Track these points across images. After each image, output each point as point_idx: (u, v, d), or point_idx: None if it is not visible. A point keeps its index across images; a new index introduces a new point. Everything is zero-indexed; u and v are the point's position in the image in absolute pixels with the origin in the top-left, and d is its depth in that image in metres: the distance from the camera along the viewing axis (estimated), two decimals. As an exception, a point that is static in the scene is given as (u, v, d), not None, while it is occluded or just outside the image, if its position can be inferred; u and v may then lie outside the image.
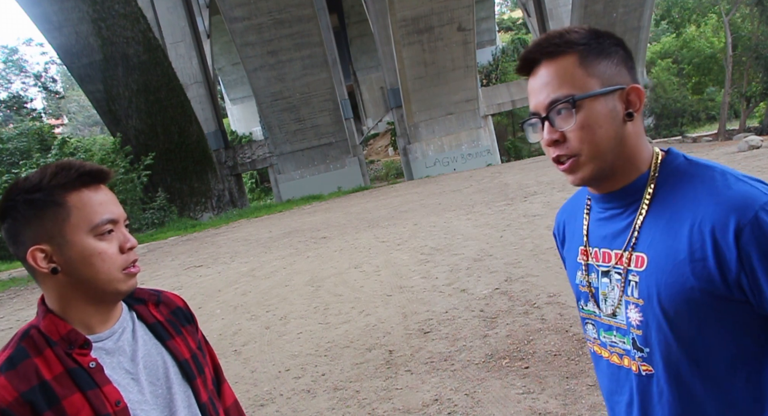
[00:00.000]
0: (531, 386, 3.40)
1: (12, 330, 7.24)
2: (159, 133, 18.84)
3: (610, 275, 1.03)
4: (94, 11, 17.97)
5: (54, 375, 1.00)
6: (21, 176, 1.07)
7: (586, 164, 0.97)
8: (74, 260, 1.02)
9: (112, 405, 1.02)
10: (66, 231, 1.02)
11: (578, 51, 0.96)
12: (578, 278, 1.11)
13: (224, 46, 33.22)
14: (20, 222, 1.03)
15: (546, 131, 0.98)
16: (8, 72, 36.52)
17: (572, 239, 1.16)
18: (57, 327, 1.04)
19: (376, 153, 35.16)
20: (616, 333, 1.03)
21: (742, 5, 27.17)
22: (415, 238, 8.69)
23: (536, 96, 0.99)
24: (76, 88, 34.12)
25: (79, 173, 1.04)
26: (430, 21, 20.95)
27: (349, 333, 4.96)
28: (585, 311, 1.10)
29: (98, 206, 1.05)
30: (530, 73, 1.01)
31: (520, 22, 44.89)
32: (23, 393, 0.96)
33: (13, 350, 1.02)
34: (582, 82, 0.95)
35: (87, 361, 1.03)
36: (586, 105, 0.94)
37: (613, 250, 1.03)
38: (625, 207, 1.02)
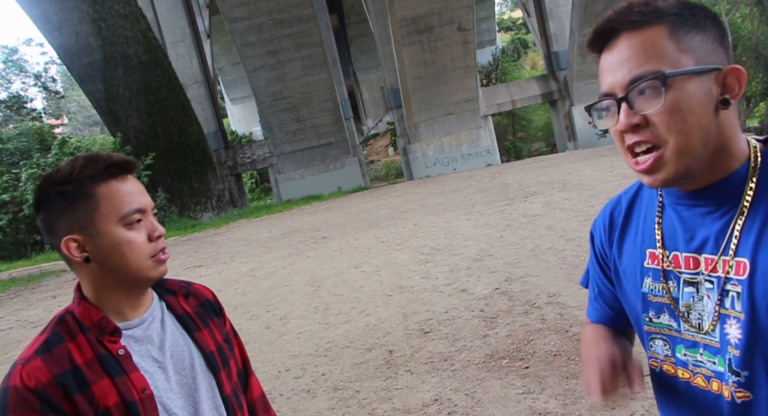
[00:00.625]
0: (531, 386, 3.40)
1: (12, 330, 7.25)
2: (159, 133, 18.85)
3: (698, 285, 0.87)
4: (94, 11, 17.97)
5: (85, 360, 1.04)
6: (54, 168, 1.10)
7: (672, 161, 0.81)
8: (105, 250, 1.06)
9: (139, 391, 1.05)
10: (96, 221, 1.05)
11: (668, 21, 0.80)
12: (647, 286, 0.94)
13: (224, 46, 33.22)
14: (54, 213, 1.06)
15: (623, 114, 0.81)
16: (8, 72, 36.53)
17: (634, 240, 0.98)
18: (89, 313, 1.07)
19: (376, 153, 35.17)
20: (703, 351, 0.87)
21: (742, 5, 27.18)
22: (415, 238, 8.69)
23: (613, 73, 0.83)
24: (76, 88, 34.13)
25: (107, 165, 1.06)
26: (430, 21, 20.95)
27: (349, 333, 4.96)
28: (655, 324, 0.94)
29: (126, 196, 1.07)
30: (605, 47, 0.85)
31: (520, 22, 44.90)
32: (56, 375, 1.00)
33: (49, 334, 1.06)
34: (673, 57, 0.79)
35: (116, 348, 1.06)
36: (677, 84, 0.78)
37: (702, 255, 0.87)
38: (716, 206, 0.86)
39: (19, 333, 7.02)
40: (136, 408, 1.04)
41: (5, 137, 19.24)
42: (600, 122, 0.88)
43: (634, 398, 1.02)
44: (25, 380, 0.99)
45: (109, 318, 1.08)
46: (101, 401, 1.02)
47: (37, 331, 6.97)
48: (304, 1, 19.94)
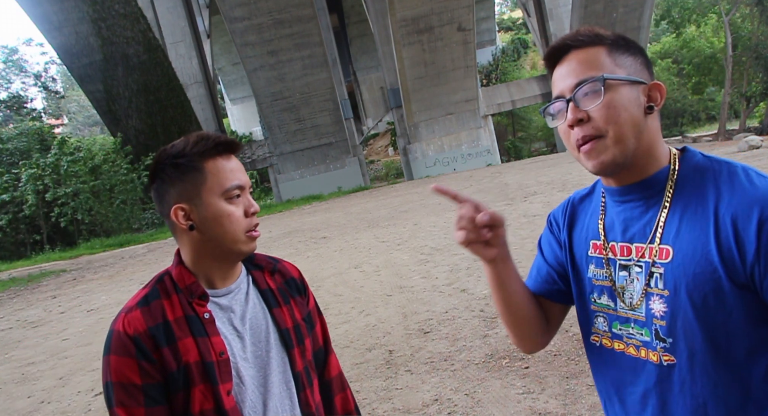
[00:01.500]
0: (531, 386, 3.40)
1: (12, 330, 7.25)
2: (159, 133, 18.85)
3: (629, 269, 1.04)
4: (94, 11, 17.98)
5: (176, 317, 1.15)
6: (167, 145, 1.20)
7: (610, 147, 0.98)
8: (207, 220, 1.16)
9: (217, 354, 1.15)
10: (202, 193, 1.15)
11: (607, 44, 1.01)
12: (591, 272, 1.11)
13: (224, 46, 33.23)
14: (167, 183, 1.16)
15: (570, 111, 0.99)
16: (8, 72, 36.54)
17: (579, 233, 1.16)
18: (184, 277, 1.18)
19: (376, 153, 35.17)
20: (633, 325, 1.03)
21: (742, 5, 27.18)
22: (415, 238, 8.69)
23: (563, 80, 1.02)
24: (76, 88, 34.14)
25: (216, 143, 1.17)
26: (430, 21, 20.96)
27: (349, 333, 4.96)
28: (597, 304, 1.10)
29: (229, 173, 1.17)
30: (557, 63, 1.04)
31: (520, 22, 44.92)
32: (150, 327, 1.12)
33: (149, 289, 1.18)
34: (610, 68, 0.99)
35: (202, 312, 1.17)
36: (613, 87, 0.97)
37: (633, 244, 1.04)
38: (645, 200, 1.03)
39: (19, 333, 7.02)
40: (212, 369, 1.13)
41: (5, 137, 19.24)
42: (552, 123, 1.06)
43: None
44: (126, 327, 1.11)
45: (200, 283, 1.18)
46: (183, 356, 1.12)
47: (37, 331, 6.97)
48: (304, 1, 19.94)
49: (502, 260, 1.10)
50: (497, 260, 1.09)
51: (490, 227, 1.04)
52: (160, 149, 1.20)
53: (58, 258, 14.24)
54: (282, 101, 21.56)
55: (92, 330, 6.48)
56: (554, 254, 1.21)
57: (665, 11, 31.66)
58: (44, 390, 4.83)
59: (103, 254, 14.03)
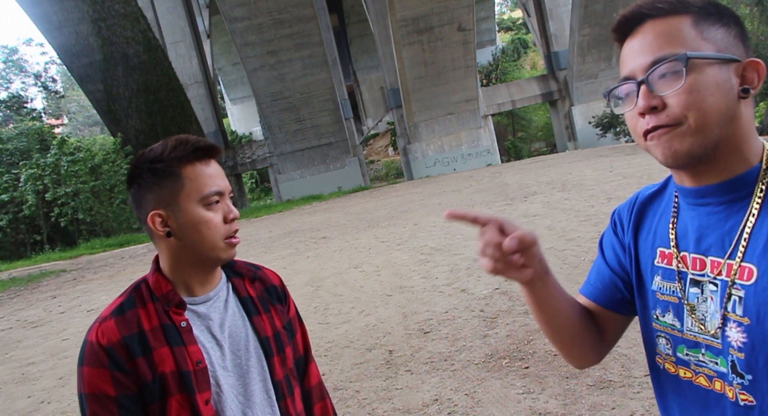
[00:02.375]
0: (531, 386, 3.40)
1: (12, 330, 7.25)
2: (159, 133, 18.83)
3: (703, 286, 0.87)
4: (94, 11, 17.98)
5: (151, 326, 1.12)
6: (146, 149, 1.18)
7: (688, 135, 0.80)
8: (185, 226, 1.13)
9: (194, 363, 1.12)
10: (180, 199, 1.13)
11: (693, 12, 0.82)
12: (656, 284, 0.94)
13: (224, 46, 33.23)
14: (144, 188, 1.15)
15: (642, 96, 0.81)
16: (8, 72, 36.55)
17: (645, 238, 0.99)
18: (161, 284, 1.16)
19: (376, 153, 35.18)
20: (705, 351, 0.87)
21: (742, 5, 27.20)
22: (415, 238, 8.69)
23: (634, 57, 0.84)
24: (76, 88, 34.14)
25: (194, 148, 1.14)
26: (430, 21, 20.96)
27: (349, 333, 4.96)
28: (660, 322, 0.94)
29: (208, 178, 1.15)
30: (628, 35, 0.86)
31: (520, 22, 44.92)
32: (125, 337, 1.10)
33: (125, 298, 1.16)
34: (695, 43, 0.80)
35: (179, 320, 1.14)
36: (698, 67, 0.79)
37: (709, 257, 0.87)
38: (727, 205, 0.85)
39: (19, 333, 7.02)
40: (189, 379, 1.11)
41: (5, 137, 19.23)
42: (619, 108, 0.88)
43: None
44: (99, 337, 1.09)
45: (178, 291, 1.16)
46: (159, 366, 1.10)
47: (37, 331, 6.97)
48: (304, 1, 19.95)
49: (540, 278, 0.94)
50: (534, 280, 0.94)
51: (521, 250, 0.87)
52: (138, 152, 1.18)
53: (58, 258, 14.24)
54: (282, 101, 21.56)
55: (92, 330, 6.47)
56: (617, 259, 1.04)
57: None
58: (44, 390, 4.83)
59: (103, 254, 14.03)
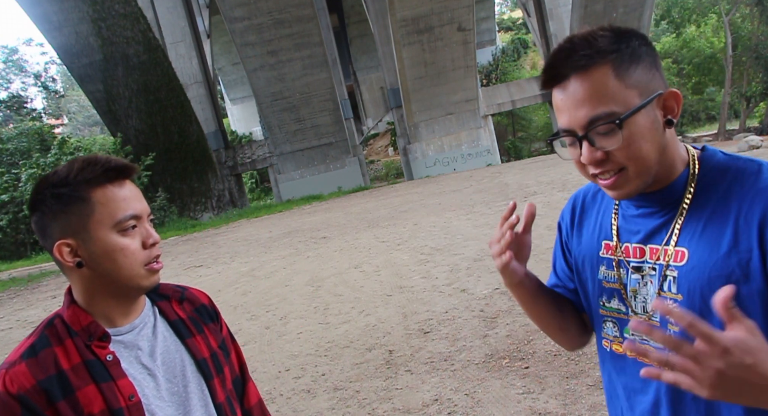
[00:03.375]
0: (531, 386, 3.40)
1: (12, 330, 7.25)
2: (159, 133, 18.85)
3: (642, 271, 0.99)
4: (94, 11, 17.97)
5: (72, 365, 1.01)
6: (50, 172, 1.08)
7: (633, 179, 0.92)
8: (98, 255, 1.03)
9: (126, 398, 1.03)
10: (90, 227, 1.03)
11: (611, 60, 0.89)
12: (602, 273, 1.06)
13: (224, 46, 33.22)
14: (48, 216, 1.04)
15: (587, 151, 0.91)
16: (8, 72, 36.54)
17: (591, 232, 1.11)
18: (79, 318, 1.05)
19: (376, 153, 35.17)
20: None
21: (742, 5, 27.18)
22: (415, 238, 8.69)
23: (570, 113, 0.92)
24: (76, 88, 34.13)
25: (105, 169, 1.04)
26: (430, 21, 20.95)
27: (349, 333, 4.96)
28: (606, 308, 1.06)
29: (122, 202, 1.05)
30: (556, 85, 0.94)
31: (520, 22, 44.90)
32: (40, 381, 0.98)
33: (36, 338, 1.04)
34: (621, 96, 0.88)
35: (104, 354, 1.04)
36: (629, 121, 0.88)
37: (648, 245, 0.99)
38: (662, 205, 0.98)
39: (19, 333, 7.02)
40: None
41: (5, 137, 19.23)
42: (563, 152, 0.99)
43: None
44: (7, 385, 0.97)
45: (99, 323, 1.06)
46: (86, 407, 0.99)
47: (37, 331, 6.97)
48: (304, 1, 19.94)
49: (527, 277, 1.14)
50: (523, 280, 1.14)
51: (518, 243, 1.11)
52: (40, 177, 1.07)
53: (58, 258, 14.22)
54: (282, 101, 21.55)
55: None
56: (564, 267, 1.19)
57: (665, 11, 31.68)
58: (44, 390, 4.83)
59: (103, 254, 14.02)
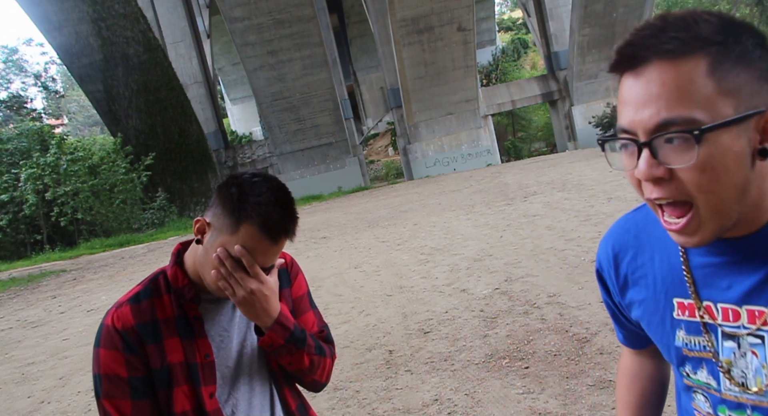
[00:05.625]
0: (531, 386, 3.40)
1: (12, 330, 7.25)
2: (159, 133, 18.84)
3: (739, 339, 0.77)
4: (94, 11, 17.97)
5: (165, 317, 1.16)
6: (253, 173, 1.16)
7: (707, 223, 0.70)
8: (206, 252, 1.14)
9: (202, 356, 1.16)
10: (224, 235, 1.11)
11: (711, 53, 0.66)
12: (680, 339, 0.83)
13: (224, 46, 33.22)
14: (219, 198, 1.14)
15: (645, 163, 0.69)
16: (8, 72, 36.54)
17: (653, 286, 0.86)
18: (178, 277, 1.19)
19: (376, 153, 35.17)
20: (752, 412, 0.77)
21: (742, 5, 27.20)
22: (415, 238, 8.69)
23: (637, 109, 0.69)
24: (76, 88, 34.13)
25: (269, 227, 1.11)
26: (430, 21, 20.95)
27: (349, 333, 4.96)
28: (693, 380, 0.84)
29: (256, 252, 1.12)
30: (628, 69, 0.71)
31: (520, 22, 44.90)
32: (138, 324, 1.14)
33: (142, 287, 1.19)
34: (711, 102, 0.66)
35: (192, 314, 1.18)
36: (712, 138, 0.66)
37: (744, 306, 0.76)
38: (755, 254, 0.75)
39: (19, 333, 7.02)
40: (196, 371, 1.15)
41: (5, 137, 19.22)
42: (614, 159, 0.76)
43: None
44: (114, 321, 1.14)
45: (193, 286, 1.18)
46: (168, 355, 1.14)
47: (37, 331, 6.97)
48: (304, 1, 19.93)
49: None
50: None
51: None
52: (247, 171, 1.17)
53: (58, 258, 14.23)
54: (282, 101, 21.55)
55: (92, 329, 6.48)
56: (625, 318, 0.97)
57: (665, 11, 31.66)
58: (44, 390, 4.83)
59: (103, 254, 14.03)
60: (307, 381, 1.30)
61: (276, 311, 1.19)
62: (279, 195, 1.13)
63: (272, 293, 1.17)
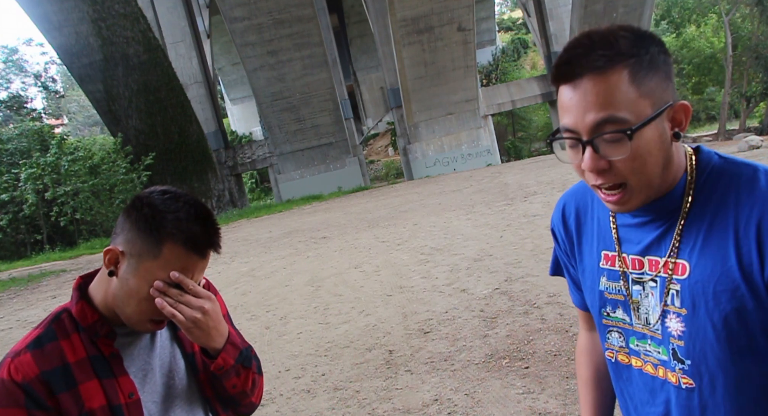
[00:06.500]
0: (531, 386, 3.40)
1: (12, 330, 7.24)
2: (159, 133, 18.84)
3: (643, 283, 0.96)
4: (94, 11, 17.96)
5: (77, 359, 1.04)
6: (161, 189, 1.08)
7: (637, 194, 0.88)
8: (124, 283, 1.05)
9: (126, 396, 1.06)
10: (143, 262, 1.03)
11: (630, 65, 0.83)
12: (603, 284, 1.03)
13: (224, 46, 33.22)
14: (128, 222, 1.05)
15: (589, 158, 0.86)
16: (8, 72, 36.53)
17: (590, 241, 1.06)
18: (86, 314, 1.07)
19: (376, 153, 35.17)
20: (651, 342, 0.96)
21: (742, 5, 27.17)
22: (415, 238, 8.69)
23: (577, 113, 0.85)
24: (76, 88, 34.13)
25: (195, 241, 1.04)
26: (430, 21, 20.96)
27: (349, 333, 4.96)
28: (611, 318, 1.02)
29: (185, 271, 1.05)
30: (565, 82, 0.87)
31: (520, 22, 44.90)
32: (44, 372, 1.00)
33: (42, 330, 1.06)
34: (635, 104, 0.83)
35: (108, 351, 1.07)
36: (639, 133, 0.83)
37: (646, 257, 0.95)
38: (660, 215, 0.93)
39: (19, 333, 7.02)
40: (121, 412, 1.04)
41: (5, 137, 19.22)
42: (562, 155, 0.92)
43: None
44: (12, 373, 0.99)
45: (105, 321, 1.08)
46: (86, 402, 1.02)
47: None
48: (304, 1, 19.94)
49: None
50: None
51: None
52: (155, 188, 1.09)
53: (58, 258, 14.23)
54: (282, 101, 21.55)
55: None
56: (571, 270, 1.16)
57: (665, 11, 31.68)
58: (44, 390, 4.83)
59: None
60: (244, 403, 1.20)
61: (226, 329, 1.12)
62: (197, 208, 1.06)
63: (219, 311, 1.11)
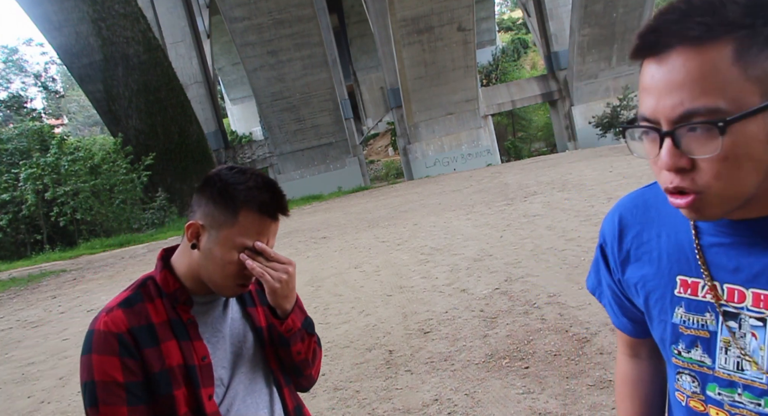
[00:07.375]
0: (531, 386, 3.40)
1: (12, 330, 7.25)
2: (159, 133, 18.84)
3: (741, 319, 0.77)
4: (94, 11, 17.97)
5: (160, 320, 1.16)
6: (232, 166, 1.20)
7: (717, 204, 0.70)
8: (208, 253, 1.16)
9: (199, 358, 1.17)
10: (222, 231, 1.15)
11: (737, 38, 0.63)
12: (678, 316, 0.83)
13: (224, 46, 33.23)
14: (207, 199, 1.17)
15: (668, 153, 0.67)
16: (8, 72, 36.54)
17: (657, 261, 0.86)
18: (169, 282, 1.19)
19: (376, 153, 35.18)
20: (743, 391, 0.78)
21: (742, 5, 27.15)
22: (415, 238, 8.69)
23: (659, 97, 0.67)
24: (76, 88, 34.13)
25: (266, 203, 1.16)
26: (430, 21, 20.97)
27: (349, 333, 4.96)
28: (683, 358, 0.84)
29: (261, 235, 1.16)
30: (650, 55, 0.68)
31: (520, 22, 44.92)
32: (133, 327, 1.12)
33: (131, 293, 1.18)
34: (736, 90, 0.63)
35: (186, 317, 1.19)
36: (737, 127, 0.64)
37: (750, 289, 0.75)
38: (766, 237, 0.74)
39: (19, 333, 7.02)
40: (194, 373, 1.15)
41: (5, 137, 19.21)
42: (635, 146, 0.74)
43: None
44: (109, 325, 1.11)
45: (185, 289, 1.19)
46: (167, 359, 1.13)
47: (37, 331, 6.96)
48: (304, 1, 19.94)
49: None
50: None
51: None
52: (222, 166, 1.21)
53: (58, 258, 14.23)
54: (282, 101, 21.56)
55: (92, 330, 6.47)
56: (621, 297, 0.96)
57: (665, 11, 31.62)
58: (44, 390, 4.83)
59: (103, 254, 14.03)
60: (305, 374, 1.31)
61: (295, 294, 1.24)
62: (264, 178, 1.17)
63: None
